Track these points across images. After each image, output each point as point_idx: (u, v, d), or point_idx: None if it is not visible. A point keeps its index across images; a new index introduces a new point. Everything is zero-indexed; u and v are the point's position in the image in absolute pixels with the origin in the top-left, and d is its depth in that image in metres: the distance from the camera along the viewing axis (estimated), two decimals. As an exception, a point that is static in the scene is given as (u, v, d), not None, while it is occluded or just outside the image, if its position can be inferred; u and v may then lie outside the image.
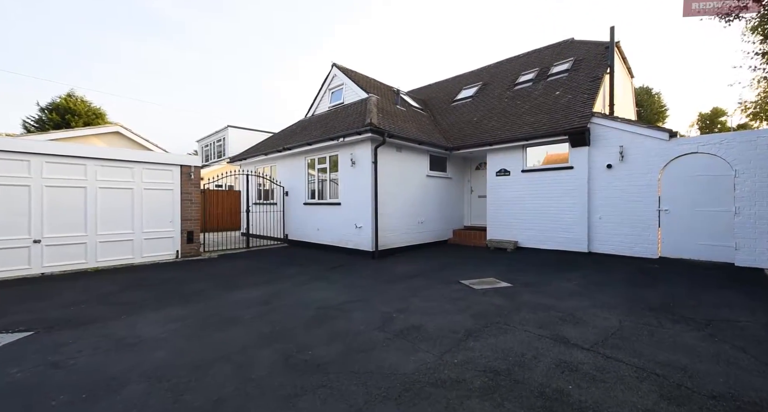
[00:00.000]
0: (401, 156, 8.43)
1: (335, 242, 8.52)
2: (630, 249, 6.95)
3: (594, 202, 7.40)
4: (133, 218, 7.03)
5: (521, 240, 8.45)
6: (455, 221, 10.40)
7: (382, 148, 7.75)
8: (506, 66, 13.08)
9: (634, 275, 5.57)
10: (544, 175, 8.07)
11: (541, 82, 10.26)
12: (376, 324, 3.52)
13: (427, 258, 7.54)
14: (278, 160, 10.54)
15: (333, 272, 6.16)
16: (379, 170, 7.68)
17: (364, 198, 7.69)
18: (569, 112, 7.94)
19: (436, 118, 11.86)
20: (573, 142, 7.47)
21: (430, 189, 9.35)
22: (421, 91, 16.09)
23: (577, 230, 7.55)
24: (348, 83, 10.91)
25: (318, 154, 9.07)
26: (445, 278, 5.62)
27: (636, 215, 6.86)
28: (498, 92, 11.35)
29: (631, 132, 6.93)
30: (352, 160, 7.89)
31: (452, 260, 7.23)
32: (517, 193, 8.53)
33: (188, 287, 5.15)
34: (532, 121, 8.47)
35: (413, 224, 8.76)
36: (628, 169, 6.98)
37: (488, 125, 9.55)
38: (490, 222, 9.09)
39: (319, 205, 9.07)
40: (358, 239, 7.88)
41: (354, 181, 7.98)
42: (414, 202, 8.81)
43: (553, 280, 5.31)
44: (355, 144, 7.90)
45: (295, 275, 5.94)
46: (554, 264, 6.56)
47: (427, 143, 8.65)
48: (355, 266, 6.76)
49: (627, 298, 4.31)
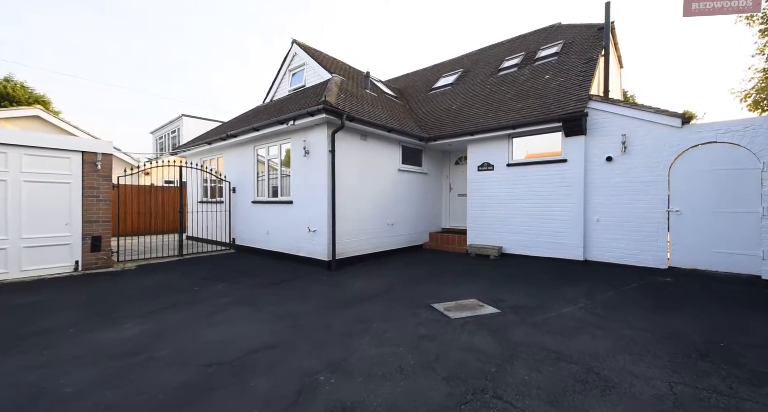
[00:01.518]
0: (367, 146, 7.07)
1: (286, 249, 7.04)
2: (633, 257, 5.88)
3: (591, 202, 6.30)
4: (6, 220, 5.27)
5: (507, 245, 7.27)
6: (432, 223, 9.13)
7: (342, 135, 6.36)
8: (488, 52, 11.95)
9: (647, 292, 4.44)
10: (533, 169, 6.91)
11: (527, 66, 9.15)
12: (283, 405, 2.11)
13: (396, 268, 6.20)
14: (225, 151, 8.92)
15: (269, 291, 4.70)
16: (339, 162, 6.28)
17: (319, 195, 6.26)
18: (562, 96, 6.82)
19: (411, 107, 10.56)
20: (567, 130, 6.33)
21: (402, 186, 8.04)
22: (398, 81, 14.75)
23: (571, 235, 6.43)
24: (310, 63, 9.42)
25: (268, 144, 7.55)
26: (413, 298, 4.30)
27: (641, 216, 5.79)
28: (480, 79, 10.17)
29: (635, 118, 5.85)
30: (305, 149, 6.44)
31: (425, 271, 5.93)
32: (502, 191, 7.34)
33: (42, 321, 3.55)
34: (519, 108, 7.30)
35: (382, 226, 7.41)
36: (632, 162, 5.90)
37: (469, 113, 8.34)
38: (471, 224, 7.87)
39: (269, 203, 7.55)
40: (311, 246, 6.44)
41: (307, 174, 6.53)
42: (383, 201, 7.46)
43: (552, 301, 4.09)
44: (309, 129, 6.46)
45: (215, 297, 4.43)
46: (547, 276, 5.38)
47: (399, 131, 7.32)
48: (303, 280, 5.33)
49: (657, 332, 3.12)
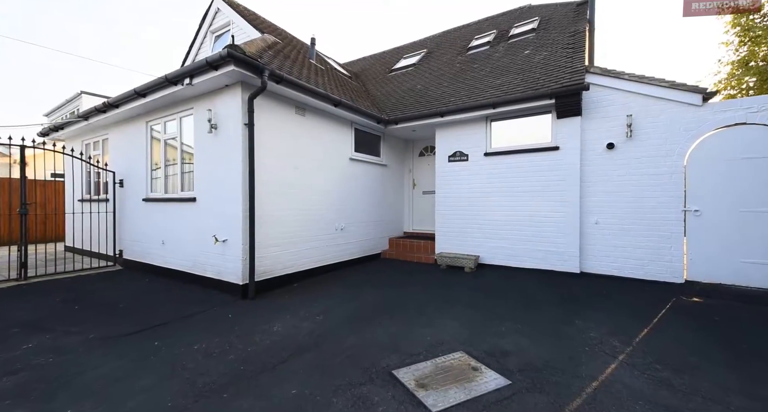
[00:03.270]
0: (306, 124, 5.23)
1: (188, 267, 4.95)
2: (641, 269, 4.71)
3: (588, 200, 5.06)
4: None
5: (485, 254, 5.85)
6: (392, 227, 7.50)
7: (267, 103, 4.47)
8: (454, 34, 10.65)
9: (690, 324, 3.15)
10: (517, 159, 5.56)
11: (501, 44, 7.90)
12: None
13: (342, 294, 4.43)
14: (111, 130, 6.49)
15: (115, 352, 2.68)
16: (262, 141, 4.38)
17: (231, 189, 4.31)
18: (551, 69, 5.55)
19: (368, 90, 8.88)
20: (560, 110, 5.04)
21: (355, 179, 6.30)
22: (353, 65, 12.98)
23: (564, 241, 5.14)
24: (238, 22, 7.34)
25: (165, 117, 5.37)
26: (362, 357, 2.57)
27: (650, 218, 4.64)
28: (447, 58, 8.78)
29: (644, 95, 4.69)
30: (212, 124, 4.44)
31: (384, 296, 4.23)
32: (479, 187, 5.91)
33: None
34: (498, 84, 5.94)
35: (326, 232, 5.60)
36: (640, 149, 4.74)
37: (437, 92, 6.84)
38: (441, 228, 6.35)
39: (166, 202, 5.38)
40: (220, 263, 4.45)
41: (215, 159, 4.54)
42: (329, 198, 5.66)
43: (578, 348, 2.60)
44: (216, 94, 4.47)
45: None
46: (546, 297, 3.97)
47: (350, 107, 5.58)
48: (192, 323, 3.35)
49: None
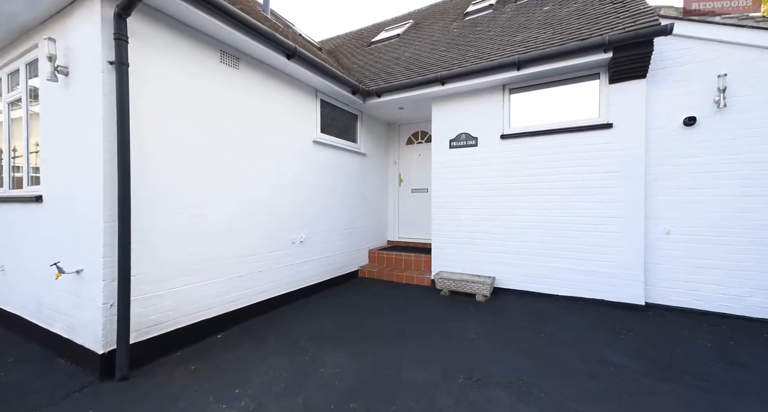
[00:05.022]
0: (241, 81, 3.36)
1: (30, 312, 2.94)
2: (739, 301, 3.22)
3: (655, 200, 3.54)
4: None
5: (502, 276, 4.21)
6: (372, 235, 5.75)
7: (164, 37, 2.57)
8: (444, 6, 9.06)
9: None
10: (549, 143, 3.96)
11: (508, 5, 6.35)
12: None
13: (286, 366, 2.60)
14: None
15: None
16: (157, 100, 2.49)
17: (88, 177, 2.40)
18: (593, 17, 4.01)
19: (342, 62, 7.09)
20: (618, 69, 3.49)
21: (321, 171, 4.49)
22: (326, 43, 11.14)
23: (620, 258, 3.58)
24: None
25: (1, 66, 3.33)
26: None
27: (755, 226, 3.16)
28: (440, 26, 7.14)
29: (745, 45, 3.21)
30: (55, 65, 2.50)
31: (358, 369, 2.44)
32: (493, 181, 4.27)
33: None
34: (518, 41, 4.34)
35: (277, 247, 3.75)
36: (737, 125, 3.25)
37: (432, 57, 5.17)
38: (439, 238, 4.67)
39: (3, 202, 3.34)
40: (71, 309, 2.51)
41: (67, 129, 2.60)
42: (282, 197, 3.82)
43: None
44: (65, 15, 2.55)
45: None
46: (622, 360, 2.34)
47: (312, 64, 3.78)
48: None
49: None
